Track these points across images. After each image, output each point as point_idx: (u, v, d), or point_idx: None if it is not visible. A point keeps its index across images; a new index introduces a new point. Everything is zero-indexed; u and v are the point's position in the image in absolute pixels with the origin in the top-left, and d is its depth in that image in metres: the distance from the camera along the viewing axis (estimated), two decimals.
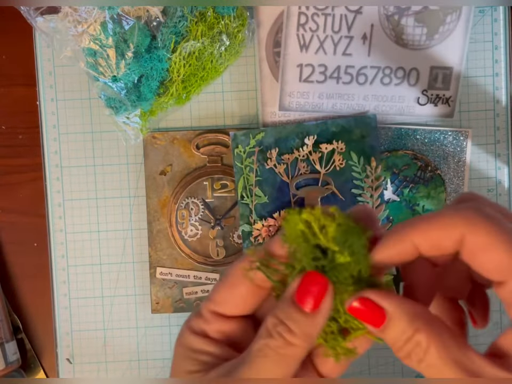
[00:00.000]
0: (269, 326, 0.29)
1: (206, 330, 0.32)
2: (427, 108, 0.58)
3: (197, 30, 0.53)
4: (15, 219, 0.60)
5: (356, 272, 0.29)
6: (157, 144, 0.59)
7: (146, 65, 0.53)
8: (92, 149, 0.60)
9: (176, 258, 0.59)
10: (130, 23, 0.51)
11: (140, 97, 0.54)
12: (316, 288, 0.29)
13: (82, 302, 0.60)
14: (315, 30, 0.57)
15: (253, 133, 0.57)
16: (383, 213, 0.57)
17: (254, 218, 0.57)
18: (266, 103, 0.59)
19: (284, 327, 0.29)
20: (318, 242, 0.29)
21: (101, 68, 0.52)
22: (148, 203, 0.59)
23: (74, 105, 0.59)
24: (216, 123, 0.59)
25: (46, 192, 0.60)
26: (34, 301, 0.60)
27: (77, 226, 0.60)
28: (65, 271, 0.60)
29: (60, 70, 0.59)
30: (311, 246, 0.29)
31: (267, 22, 0.58)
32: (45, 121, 0.59)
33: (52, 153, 0.59)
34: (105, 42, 0.51)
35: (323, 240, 0.29)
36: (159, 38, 0.53)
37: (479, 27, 0.58)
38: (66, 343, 0.60)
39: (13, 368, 0.58)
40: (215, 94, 0.59)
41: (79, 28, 0.51)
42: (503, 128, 0.59)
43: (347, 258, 0.28)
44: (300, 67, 0.58)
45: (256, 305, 0.32)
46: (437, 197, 0.58)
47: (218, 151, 0.59)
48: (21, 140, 0.60)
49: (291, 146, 0.57)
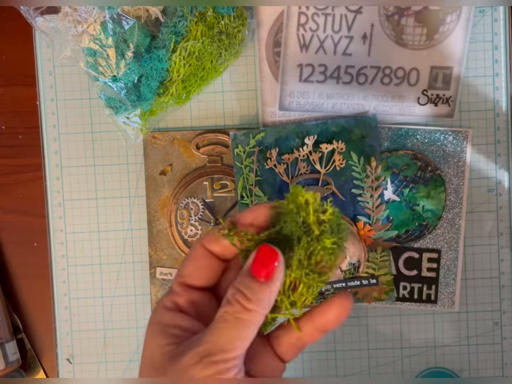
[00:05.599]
0: (229, 295, 0.33)
1: (178, 302, 0.36)
2: (427, 107, 0.58)
3: (197, 29, 0.53)
4: (15, 219, 0.60)
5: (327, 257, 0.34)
6: (157, 144, 0.59)
7: (146, 65, 0.53)
8: (92, 149, 0.60)
9: (176, 258, 0.59)
10: (130, 23, 0.51)
11: (140, 97, 0.54)
12: (269, 260, 0.33)
13: (82, 302, 0.60)
14: (315, 30, 0.57)
15: (253, 133, 0.57)
16: (383, 213, 0.57)
17: None
18: (266, 103, 0.59)
19: (241, 294, 0.33)
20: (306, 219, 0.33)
21: (101, 67, 0.52)
22: (147, 203, 0.59)
23: (74, 105, 0.59)
24: (216, 123, 0.59)
25: (46, 192, 0.60)
26: (34, 301, 0.60)
27: (77, 226, 0.60)
28: (65, 271, 0.60)
29: (60, 70, 0.59)
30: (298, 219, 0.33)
31: (267, 21, 0.58)
32: (45, 121, 0.59)
33: (51, 153, 0.59)
34: (105, 42, 0.51)
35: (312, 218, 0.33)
36: (159, 38, 0.53)
37: (479, 27, 0.58)
38: (66, 343, 0.60)
39: (13, 368, 0.58)
40: (215, 94, 0.59)
41: (79, 28, 0.51)
42: (503, 128, 0.59)
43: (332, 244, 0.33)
44: (300, 67, 0.58)
45: (217, 276, 0.36)
46: (437, 196, 0.58)
47: (218, 151, 0.59)
48: (21, 140, 0.60)
49: (291, 146, 0.57)
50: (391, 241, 0.58)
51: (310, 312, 0.36)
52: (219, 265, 0.36)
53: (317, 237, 0.33)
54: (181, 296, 0.36)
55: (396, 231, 0.58)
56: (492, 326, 0.59)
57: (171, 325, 0.35)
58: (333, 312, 0.35)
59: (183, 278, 0.36)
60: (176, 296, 0.36)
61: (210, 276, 0.36)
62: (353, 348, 0.59)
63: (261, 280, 0.33)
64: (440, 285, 0.58)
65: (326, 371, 0.59)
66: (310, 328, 0.35)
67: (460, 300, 0.58)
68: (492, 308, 0.59)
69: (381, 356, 0.59)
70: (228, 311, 0.33)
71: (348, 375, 0.60)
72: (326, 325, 0.35)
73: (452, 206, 0.58)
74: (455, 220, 0.58)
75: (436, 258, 0.58)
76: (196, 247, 0.36)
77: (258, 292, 0.33)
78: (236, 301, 0.33)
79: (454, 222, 0.58)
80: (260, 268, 0.33)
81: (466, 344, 0.59)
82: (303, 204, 0.33)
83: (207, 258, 0.36)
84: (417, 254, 0.58)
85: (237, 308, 0.33)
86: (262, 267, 0.33)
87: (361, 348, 0.59)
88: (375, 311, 0.59)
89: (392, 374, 0.59)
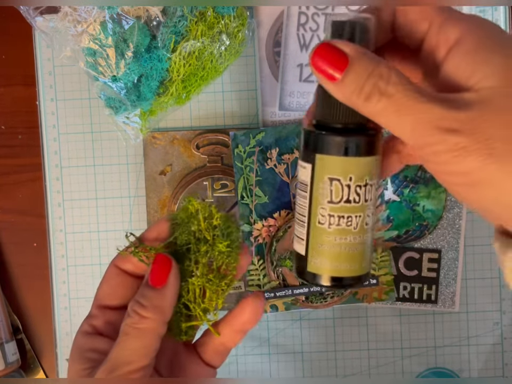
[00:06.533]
0: (128, 308, 0.34)
1: (95, 325, 0.36)
2: None
3: (197, 29, 0.53)
4: (15, 219, 0.60)
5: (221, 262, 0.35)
6: (156, 144, 0.59)
7: (146, 65, 0.53)
8: (92, 149, 0.59)
9: None
10: (130, 22, 0.51)
11: (140, 97, 0.54)
12: (163, 267, 0.34)
13: (82, 302, 0.60)
14: (315, 30, 0.57)
15: (253, 132, 0.57)
16: (384, 213, 0.57)
17: (254, 218, 0.57)
18: (266, 103, 0.59)
19: (138, 305, 0.33)
20: (199, 228, 0.35)
21: (101, 67, 0.52)
22: (147, 203, 0.59)
23: (74, 105, 0.59)
24: (216, 123, 0.59)
25: (46, 192, 0.60)
26: (34, 301, 0.60)
27: (76, 226, 0.60)
28: (65, 271, 0.60)
29: (60, 69, 0.59)
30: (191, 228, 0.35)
31: (267, 21, 0.58)
32: (45, 121, 0.59)
33: (51, 153, 0.59)
34: (105, 42, 0.51)
35: (203, 225, 0.35)
36: (159, 38, 0.52)
37: None
38: (66, 344, 0.60)
39: (13, 368, 0.58)
40: (215, 94, 0.59)
41: (79, 28, 0.51)
42: None
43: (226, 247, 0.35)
44: (300, 67, 0.58)
45: (132, 294, 0.36)
46: (438, 196, 0.58)
47: (218, 151, 0.59)
48: (20, 140, 0.60)
49: (291, 146, 0.57)
50: (391, 241, 0.58)
51: (226, 316, 0.37)
52: (133, 283, 0.37)
53: (212, 242, 0.35)
54: (98, 319, 0.36)
55: (396, 231, 0.58)
56: (492, 326, 0.59)
57: (88, 349, 0.35)
58: (247, 312, 0.36)
59: (100, 300, 0.37)
60: (94, 319, 0.36)
61: (125, 295, 0.37)
62: (353, 348, 0.59)
63: (156, 288, 0.34)
64: (441, 285, 0.58)
65: (326, 371, 0.59)
66: (229, 331, 0.37)
67: (460, 300, 0.58)
68: (492, 308, 0.59)
69: (381, 356, 0.59)
70: (127, 323, 0.33)
71: (348, 375, 0.60)
72: (243, 325, 0.37)
73: (452, 206, 0.58)
74: (455, 220, 0.58)
75: (436, 259, 0.58)
76: (109, 268, 0.37)
77: (153, 298, 0.34)
78: (134, 311, 0.33)
79: (455, 222, 0.58)
80: (155, 276, 0.34)
81: (467, 344, 0.59)
82: (194, 213, 0.35)
83: (121, 277, 0.37)
84: (417, 254, 0.58)
85: (134, 319, 0.33)
86: (156, 275, 0.34)
87: (361, 348, 0.59)
88: (375, 311, 0.59)
89: (392, 374, 0.59)
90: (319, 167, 0.31)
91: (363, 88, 0.28)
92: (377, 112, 0.28)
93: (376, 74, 0.27)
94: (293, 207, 0.57)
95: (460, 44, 0.28)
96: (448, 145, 0.27)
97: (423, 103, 0.27)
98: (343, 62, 0.28)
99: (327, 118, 0.31)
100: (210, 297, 0.36)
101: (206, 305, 0.36)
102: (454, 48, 0.28)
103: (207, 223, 0.35)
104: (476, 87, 0.27)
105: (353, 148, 0.30)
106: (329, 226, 0.31)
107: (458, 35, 0.28)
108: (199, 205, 0.35)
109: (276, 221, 0.57)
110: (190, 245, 0.35)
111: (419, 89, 0.27)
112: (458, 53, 0.28)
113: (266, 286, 0.57)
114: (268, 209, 0.57)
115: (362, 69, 0.28)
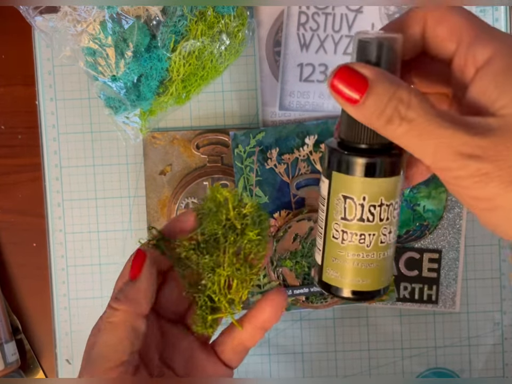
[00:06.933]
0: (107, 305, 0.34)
1: None
2: None
3: (197, 29, 0.53)
4: (14, 219, 0.60)
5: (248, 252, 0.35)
6: (156, 144, 0.59)
7: (145, 65, 0.52)
8: (92, 149, 0.59)
9: None
10: (130, 22, 0.51)
11: (140, 97, 0.54)
12: (138, 260, 0.34)
13: (81, 302, 0.60)
14: (315, 29, 0.57)
15: (253, 132, 0.57)
16: None
17: None
18: (267, 103, 0.58)
19: (113, 299, 0.34)
20: (228, 216, 0.34)
21: (100, 67, 0.52)
22: (147, 203, 0.59)
23: (74, 105, 0.59)
24: (216, 123, 0.59)
25: (45, 192, 0.59)
26: (33, 302, 0.60)
27: (76, 226, 0.60)
28: (65, 271, 0.59)
29: (59, 69, 0.59)
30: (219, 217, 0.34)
31: (267, 21, 0.58)
32: (44, 121, 0.59)
33: (51, 153, 0.59)
34: (105, 41, 0.51)
35: (232, 213, 0.34)
36: (159, 37, 0.52)
37: None
38: (65, 344, 0.60)
39: (12, 369, 0.58)
40: (215, 93, 0.59)
41: (78, 27, 0.51)
42: None
43: (256, 235, 0.34)
44: (300, 66, 0.58)
45: None
46: (438, 196, 0.58)
47: (218, 151, 0.59)
48: (20, 139, 0.60)
49: (291, 146, 0.57)
50: None
51: (247, 313, 0.37)
52: None
53: (241, 231, 0.34)
54: None
55: None
56: (493, 327, 0.59)
57: None
58: (268, 310, 0.36)
59: None
60: None
61: None
62: (354, 349, 0.59)
63: (131, 279, 0.34)
64: (441, 285, 0.58)
65: (326, 371, 0.59)
66: (250, 328, 0.36)
67: (460, 300, 0.58)
68: (493, 308, 0.59)
69: (381, 356, 0.59)
70: (101, 318, 0.34)
71: (348, 376, 0.60)
72: (264, 323, 0.36)
73: (452, 206, 0.58)
74: (456, 220, 0.58)
75: (436, 259, 0.58)
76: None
77: (126, 291, 0.34)
78: (108, 306, 0.34)
79: (455, 222, 0.58)
80: (131, 269, 0.34)
81: (467, 345, 0.59)
82: (222, 201, 0.34)
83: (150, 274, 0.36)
84: (418, 254, 0.58)
85: (108, 313, 0.33)
86: (132, 268, 0.34)
87: (361, 348, 0.59)
88: (375, 312, 0.59)
89: (392, 375, 0.59)
90: (335, 184, 0.31)
91: (384, 111, 0.27)
92: (399, 135, 0.28)
93: (397, 98, 0.27)
94: (293, 207, 0.57)
95: (488, 65, 0.27)
96: (470, 171, 0.26)
97: (445, 128, 0.26)
98: (363, 85, 0.28)
99: (345, 137, 0.31)
100: (237, 287, 0.35)
101: (232, 295, 0.35)
102: (482, 70, 0.28)
103: (236, 211, 0.34)
104: (500, 112, 0.27)
105: (368, 169, 0.31)
106: (342, 242, 0.32)
107: (487, 56, 0.27)
108: (228, 193, 0.34)
109: (276, 221, 0.57)
110: (217, 235, 0.34)
111: (440, 113, 0.27)
112: (486, 75, 0.27)
113: (266, 286, 0.57)
114: (268, 210, 0.57)
115: (383, 92, 0.28)
